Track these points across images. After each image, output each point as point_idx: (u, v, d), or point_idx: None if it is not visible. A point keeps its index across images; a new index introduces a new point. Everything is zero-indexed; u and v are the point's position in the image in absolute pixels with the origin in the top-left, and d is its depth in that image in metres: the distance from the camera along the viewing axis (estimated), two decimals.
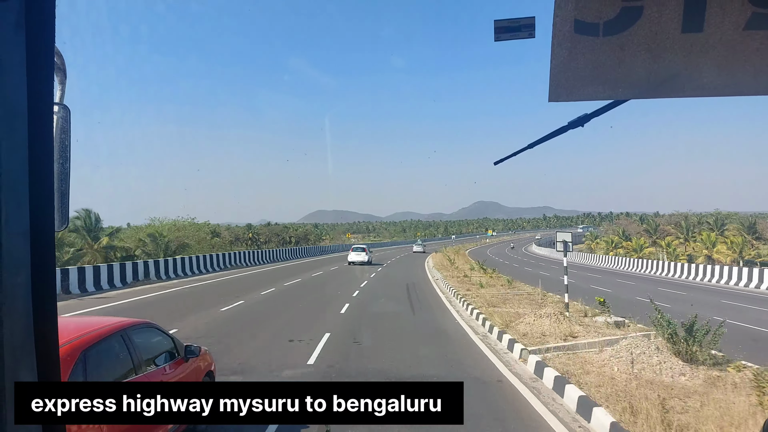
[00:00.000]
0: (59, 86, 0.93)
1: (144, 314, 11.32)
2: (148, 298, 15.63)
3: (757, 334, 12.07)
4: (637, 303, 15.31)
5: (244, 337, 9.73)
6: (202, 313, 12.33)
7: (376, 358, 8.28)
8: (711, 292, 23.43)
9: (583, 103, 1.00)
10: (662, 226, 61.81)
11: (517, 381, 6.93)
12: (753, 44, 0.88)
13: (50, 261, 0.83)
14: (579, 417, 5.59)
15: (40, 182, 0.79)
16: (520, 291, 16.91)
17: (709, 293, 22.53)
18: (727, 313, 13.36)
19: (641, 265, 39.00)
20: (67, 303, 13.88)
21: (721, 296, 21.12)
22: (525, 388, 6.60)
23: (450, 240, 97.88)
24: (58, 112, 0.89)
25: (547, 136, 1.18)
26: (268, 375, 7.09)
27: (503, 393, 6.44)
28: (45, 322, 0.84)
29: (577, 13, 0.88)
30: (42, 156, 0.80)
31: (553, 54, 0.91)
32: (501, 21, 1.09)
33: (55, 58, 0.82)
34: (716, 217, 58.24)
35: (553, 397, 6.27)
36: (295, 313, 13.14)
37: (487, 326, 10.87)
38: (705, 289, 24.60)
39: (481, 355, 8.57)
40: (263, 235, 50.24)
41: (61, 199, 0.87)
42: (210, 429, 4.65)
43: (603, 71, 0.92)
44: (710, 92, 0.93)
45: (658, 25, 0.88)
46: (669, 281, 29.71)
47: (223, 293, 16.95)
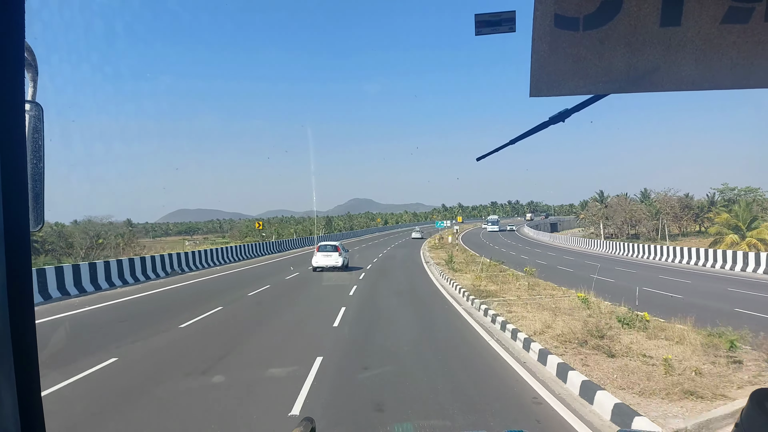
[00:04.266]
0: (31, 83, 0.90)
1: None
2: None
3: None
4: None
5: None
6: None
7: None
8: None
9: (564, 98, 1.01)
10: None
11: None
12: (730, 38, 0.89)
13: (26, 263, 0.81)
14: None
15: (13, 182, 0.77)
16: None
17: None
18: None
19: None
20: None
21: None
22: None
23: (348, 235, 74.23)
24: (30, 110, 0.87)
25: (528, 132, 1.18)
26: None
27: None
28: (22, 325, 0.82)
29: (557, 8, 0.88)
30: (14, 155, 0.77)
31: (533, 49, 0.91)
32: (482, 15, 1.09)
33: (25, 53, 0.79)
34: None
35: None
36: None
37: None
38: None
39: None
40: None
41: (36, 199, 0.85)
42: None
43: (583, 66, 0.92)
44: (688, 86, 0.94)
45: (637, 19, 0.88)
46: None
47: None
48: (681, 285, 19.49)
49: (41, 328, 10.04)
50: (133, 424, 5.29)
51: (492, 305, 11.93)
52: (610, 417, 5.20)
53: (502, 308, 11.51)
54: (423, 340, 9.35)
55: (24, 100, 0.82)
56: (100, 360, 7.56)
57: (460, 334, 9.76)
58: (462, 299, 14.22)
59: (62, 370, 6.94)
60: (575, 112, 1.08)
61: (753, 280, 22.28)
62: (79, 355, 7.89)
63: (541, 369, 7.12)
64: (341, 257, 23.22)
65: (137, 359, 7.85)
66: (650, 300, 13.64)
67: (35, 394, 0.83)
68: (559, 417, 5.36)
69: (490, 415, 5.39)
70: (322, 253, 23.37)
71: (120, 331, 10.11)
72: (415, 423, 5.13)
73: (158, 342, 9.07)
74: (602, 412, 5.37)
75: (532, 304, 11.89)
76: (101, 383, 6.60)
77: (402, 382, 6.56)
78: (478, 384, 6.57)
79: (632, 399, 5.59)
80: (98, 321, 11.48)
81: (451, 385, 6.45)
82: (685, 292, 16.84)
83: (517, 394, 6.12)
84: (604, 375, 6.40)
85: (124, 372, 7.11)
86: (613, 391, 5.77)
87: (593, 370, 6.57)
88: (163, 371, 7.20)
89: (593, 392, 5.68)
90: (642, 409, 5.27)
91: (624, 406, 5.19)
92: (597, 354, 7.33)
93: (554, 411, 5.52)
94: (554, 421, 5.25)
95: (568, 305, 11.47)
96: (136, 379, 6.79)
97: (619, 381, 6.15)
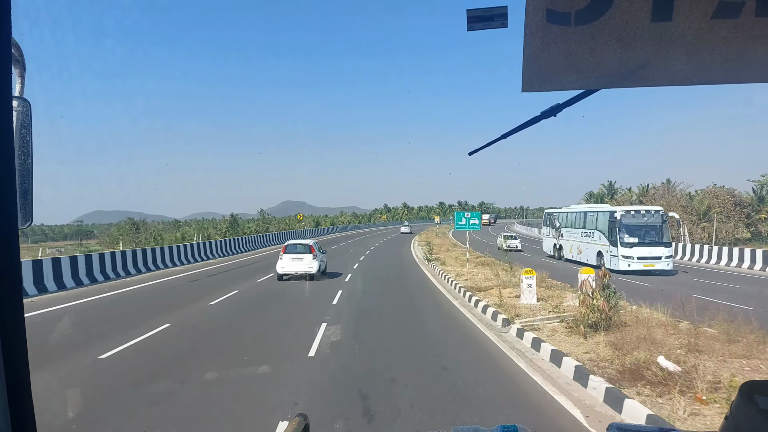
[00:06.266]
0: (18, 79, 0.90)
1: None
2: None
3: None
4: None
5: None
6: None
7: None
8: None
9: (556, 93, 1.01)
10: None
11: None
12: (720, 33, 0.89)
13: (14, 260, 0.81)
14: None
15: (1, 179, 0.76)
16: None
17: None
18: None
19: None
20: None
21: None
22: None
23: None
24: (18, 106, 0.86)
25: (520, 126, 1.18)
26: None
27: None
28: (11, 322, 0.82)
29: (549, 3, 0.88)
30: (2, 152, 0.77)
31: (525, 44, 0.91)
32: (474, 10, 1.09)
33: (12, 49, 0.78)
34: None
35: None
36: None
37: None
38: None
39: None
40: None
41: (24, 195, 0.85)
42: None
43: (575, 61, 0.92)
44: (679, 81, 0.94)
45: (629, 15, 0.88)
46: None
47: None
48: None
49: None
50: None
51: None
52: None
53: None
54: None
55: (11, 96, 0.81)
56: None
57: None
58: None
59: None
60: (567, 107, 1.09)
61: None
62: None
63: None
64: (316, 261, 17.57)
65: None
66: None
67: (25, 392, 0.82)
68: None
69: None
70: (290, 255, 17.52)
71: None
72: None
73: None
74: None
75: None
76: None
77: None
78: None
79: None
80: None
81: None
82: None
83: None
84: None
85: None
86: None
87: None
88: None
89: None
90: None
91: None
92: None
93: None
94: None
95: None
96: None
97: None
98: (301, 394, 6.03)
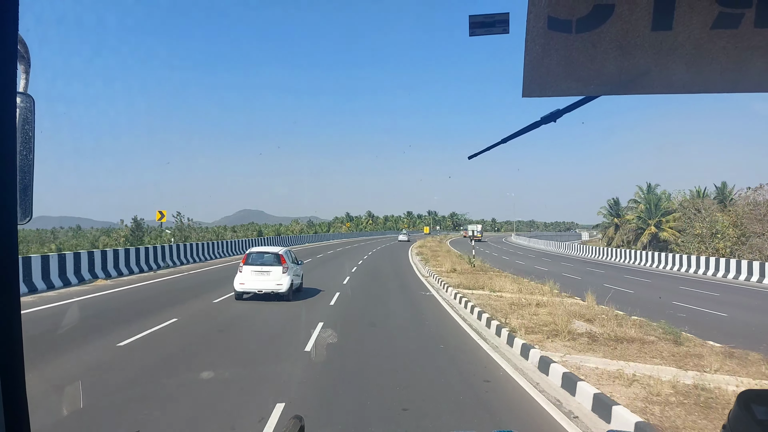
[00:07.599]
0: (23, 75, 0.90)
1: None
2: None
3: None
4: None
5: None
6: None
7: None
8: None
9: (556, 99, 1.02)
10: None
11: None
12: (720, 43, 0.90)
13: (13, 256, 0.81)
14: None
15: (2, 174, 0.76)
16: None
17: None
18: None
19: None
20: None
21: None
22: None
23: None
24: (22, 102, 0.86)
25: (520, 131, 1.19)
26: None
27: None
28: (7, 319, 0.81)
29: (551, 10, 0.89)
30: (4, 147, 0.77)
31: (526, 50, 0.92)
32: (476, 16, 1.10)
33: (18, 45, 0.79)
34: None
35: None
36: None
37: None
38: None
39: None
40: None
41: (24, 191, 0.85)
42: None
43: (575, 68, 0.93)
44: (679, 89, 0.95)
45: (629, 23, 0.89)
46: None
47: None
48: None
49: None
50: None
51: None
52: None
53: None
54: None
55: (16, 91, 0.82)
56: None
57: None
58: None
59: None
60: (567, 113, 1.10)
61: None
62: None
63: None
64: (287, 275, 13.22)
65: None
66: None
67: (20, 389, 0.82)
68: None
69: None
70: (252, 267, 13.29)
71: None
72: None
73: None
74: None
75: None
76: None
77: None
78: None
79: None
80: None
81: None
82: None
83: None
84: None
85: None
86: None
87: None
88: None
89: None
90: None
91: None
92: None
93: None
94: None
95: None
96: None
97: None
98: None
